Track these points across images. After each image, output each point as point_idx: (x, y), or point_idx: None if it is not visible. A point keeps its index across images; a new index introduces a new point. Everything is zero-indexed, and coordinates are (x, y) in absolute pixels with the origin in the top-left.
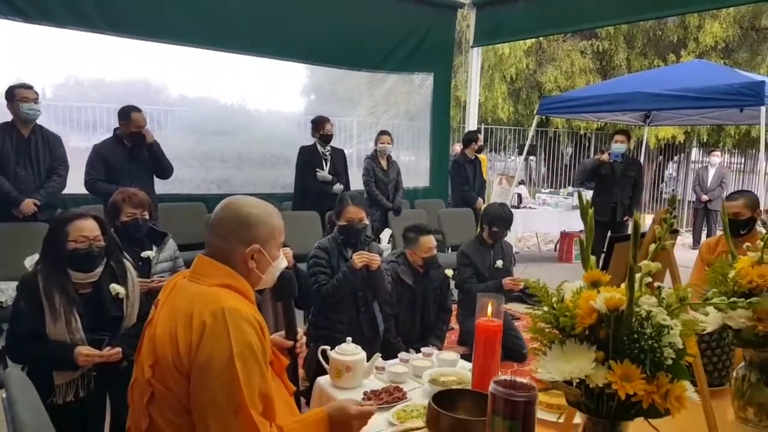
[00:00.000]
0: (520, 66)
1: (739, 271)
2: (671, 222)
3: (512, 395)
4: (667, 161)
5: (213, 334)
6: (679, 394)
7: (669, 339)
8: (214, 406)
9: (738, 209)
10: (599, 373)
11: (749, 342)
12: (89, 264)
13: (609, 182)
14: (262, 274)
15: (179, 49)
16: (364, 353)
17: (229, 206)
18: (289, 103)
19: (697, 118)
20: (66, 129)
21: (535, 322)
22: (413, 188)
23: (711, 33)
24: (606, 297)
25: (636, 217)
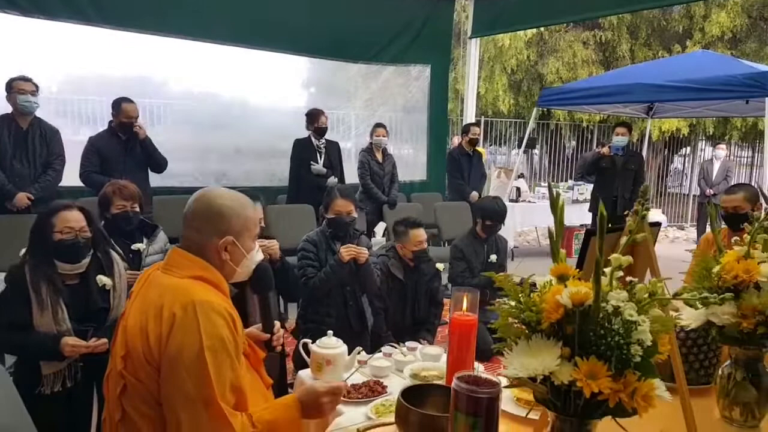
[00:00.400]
0: (520, 57)
1: (723, 266)
2: (644, 214)
3: (474, 391)
4: (672, 154)
5: (183, 327)
6: (645, 392)
7: (637, 335)
8: (184, 399)
9: (738, 203)
10: (564, 370)
11: (733, 339)
12: (75, 255)
13: (609, 176)
14: (237, 266)
15: (176, 42)
16: (345, 347)
17: (202, 198)
18: (288, 95)
19: (701, 111)
20: (67, 123)
21: (505, 317)
22: (410, 182)
23: (717, 23)
24: (571, 292)
25: (601, 209)
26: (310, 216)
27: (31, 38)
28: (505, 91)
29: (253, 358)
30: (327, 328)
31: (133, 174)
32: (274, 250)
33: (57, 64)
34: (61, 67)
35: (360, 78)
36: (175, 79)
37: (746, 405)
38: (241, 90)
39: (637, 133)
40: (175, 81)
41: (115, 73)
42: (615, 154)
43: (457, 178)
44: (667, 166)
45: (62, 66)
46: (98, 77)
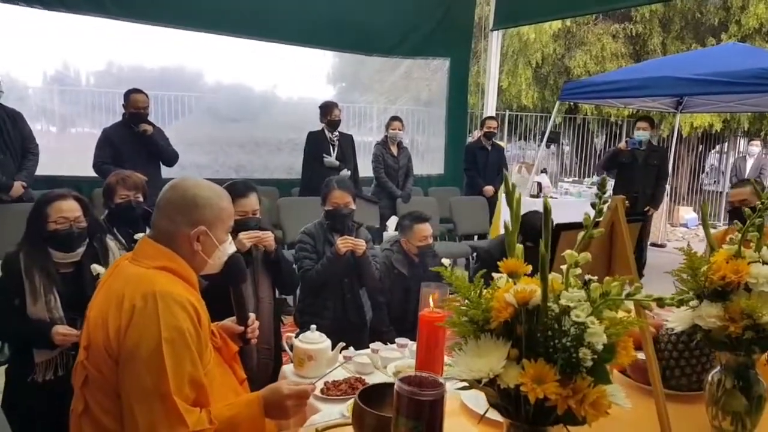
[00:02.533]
0: (546, 51)
1: (711, 266)
2: (600, 208)
3: (416, 394)
4: (707, 151)
5: (142, 318)
6: (594, 400)
7: (589, 338)
8: (140, 392)
9: (745, 196)
10: (511, 373)
11: (721, 344)
12: (69, 245)
13: (629, 171)
14: (208, 258)
15: (204, 36)
16: (329, 342)
17: (176, 187)
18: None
19: (733, 105)
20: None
21: (458, 315)
22: (427, 176)
23: (755, 14)
24: (517, 289)
25: (545, 201)
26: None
27: (72, 33)
28: (529, 85)
29: (225, 351)
30: (324, 321)
31: (146, 165)
32: (269, 241)
33: (96, 58)
34: (99, 61)
35: (381, 71)
36: (204, 73)
37: (736, 415)
38: (266, 84)
39: (666, 129)
40: (203, 74)
41: (149, 66)
42: (635, 149)
43: (471, 172)
44: (702, 163)
45: (101, 60)
46: (133, 70)
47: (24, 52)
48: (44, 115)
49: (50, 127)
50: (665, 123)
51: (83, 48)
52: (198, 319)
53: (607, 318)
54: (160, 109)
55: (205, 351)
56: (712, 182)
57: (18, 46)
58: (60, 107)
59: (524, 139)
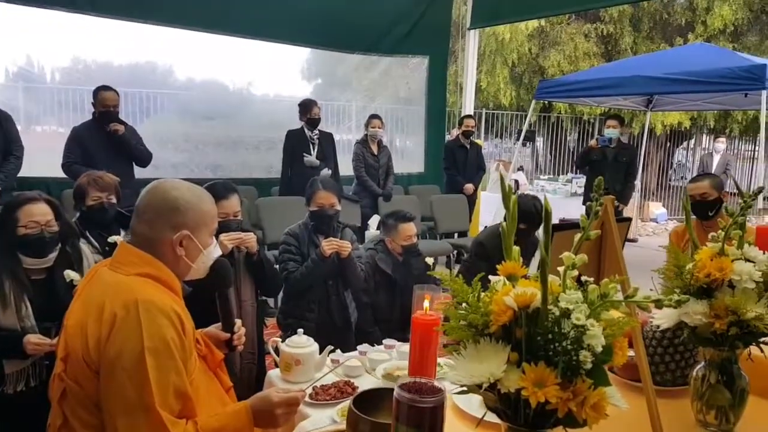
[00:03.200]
0: (522, 50)
1: (696, 264)
2: (596, 210)
3: (416, 401)
4: (675, 148)
5: (124, 328)
6: (595, 402)
7: (588, 340)
8: (123, 405)
9: (705, 190)
10: (511, 377)
11: (706, 340)
12: (41, 250)
13: (600, 168)
14: (192, 263)
15: (175, 31)
16: (316, 346)
17: (156, 190)
18: (287, 86)
19: (700, 104)
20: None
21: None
22: (407, 174)
23: (720, 16)
24: (517, 293)
25: (546, 204)
26: (301, 209)
27: (36, 28)
28: (507, 84)
29: (210, 359)
30: (308, 324)
31: (118, 165)
32: (251, 243)
33: (62, 54)
34: (65, 56)
35: (359, 69)
36: (175, 70)
37: (720, 408)
38: (240, 81)
39: (638, 127)
40: (175, 71)
41: (118, 63)
42: (605, 146)
43: (449, 170)
44: (669, 160)
45: (66, 56)
46: (101, 67)
47: None
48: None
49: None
50: (636, 121)
51: (48, 43)
52: (182, 328)
53: (605, 319)
54: (131, 107)
55: (189, 360)
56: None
57: None
58: (24, 104)
59: (500, 137)
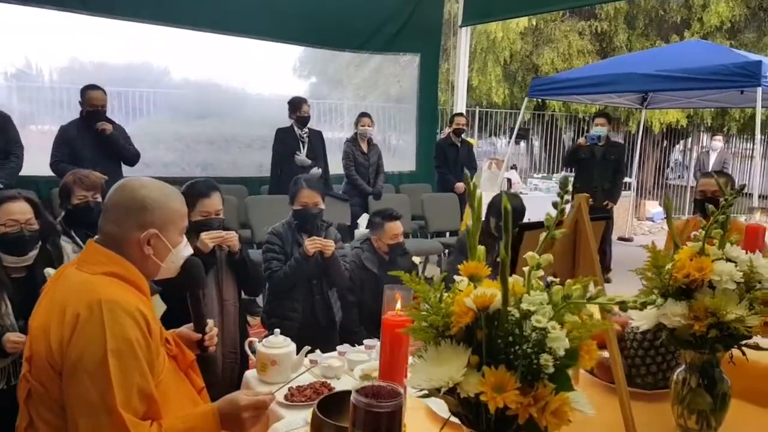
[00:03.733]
0: (514, 48)
1: (675, 264)
2: (562, 208)
3: (372, 405)
4: (672, 146)
5: (87, 328)
6: (556, 408)
7: (551, 343)
8: (85, 406)
9: (716, 187)
10: (471, 381)
11: (685, 343)
12: (20, 248)
13: (588, 166)
14: (161, 262)
15: (170, 30)
16: (293, 346)
17: (123, 188)
18: (278, 85)
19: (695, 101)
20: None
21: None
22: (399, 172)
23: (716, 12)
24: (476, 294)
25: (504, 202)
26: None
27: (31, 27)
28: (499, 82)
29: (181, 359)
30: (291, 323)
31: (106, 164)
32: (233, 242)
33: (59, 54)
34: (62, 56)
35: (350, 67)
36: (168, 69)
37: (701, 413)
38: (234, 79)
39: (634, 125)
40: (168, 70)
41: (113, 62)
42: (593, 144)
43: (440, 168)
44: (666, 158)
45: (64, 55)
46: (97, 66)
47: None
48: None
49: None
50: (633, 119)
51: (45, 43)
52: (148, 328)
53: (569, 322)
54: (125, 106)
55: (156, 361)
56: (676, 177)
57: None
58: (19, 104)
59: (495, 135)
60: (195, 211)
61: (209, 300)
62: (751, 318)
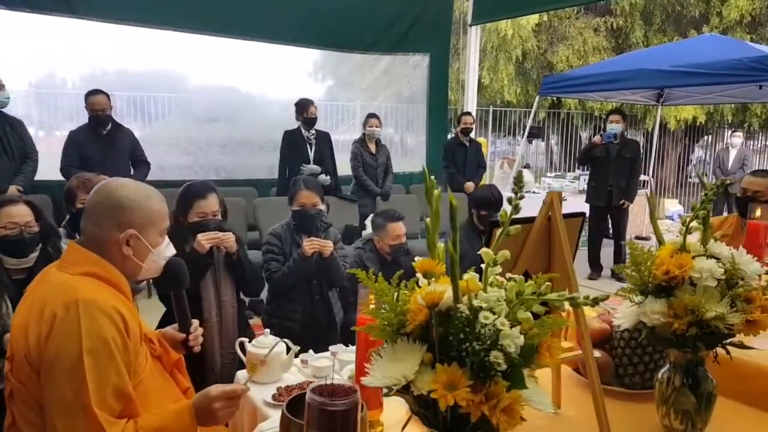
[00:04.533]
0: (527, 46)
1: (654, 260)
2: (516, 204)
3: (326, 404)
4: (693, 143)
5: (63, 327)
6: (507, 405)
7: (502, 340)
8: (62, 405)
9: (760, 188)
10: (425, 378)
11: (666, 341)
12: (20, 250)
13: (603, 165)
14: (142, 263)
15: (185, 36)
16: (283, 345)
17: (102, 189)
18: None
19: (712, 97)
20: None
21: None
22: (409, 173)
23: (737, 7)
24: (426, 291)
25: (450, 197)
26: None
27: (54, 36)
28: (512, 80)
29: (166, 359)
30: (292, 324)
31: (115, 168)
32: (229, 243)
33: (80, 61)
34: (84, 64)
35: (362, 68)
36: (184, 74)
37: (686, 413)
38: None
39: (651, 122)
40: (184, 76)
41: (133, 68)
42: (609, 143)
43: (449, 168)
44: (687, 155)
45: (85, 63)
46: (119, 73)
47: (8, 56)
48: (29, 119)
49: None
50: (649, 116)
51: (67, 51)
52: (125, 327)
53: (523, 318)
54: (144, 111)
55: (135, 360)
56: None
57: (1, 49)
58: (43, 111)
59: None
60: (192, 213)
61: (207, 301)
62: (733, 316)
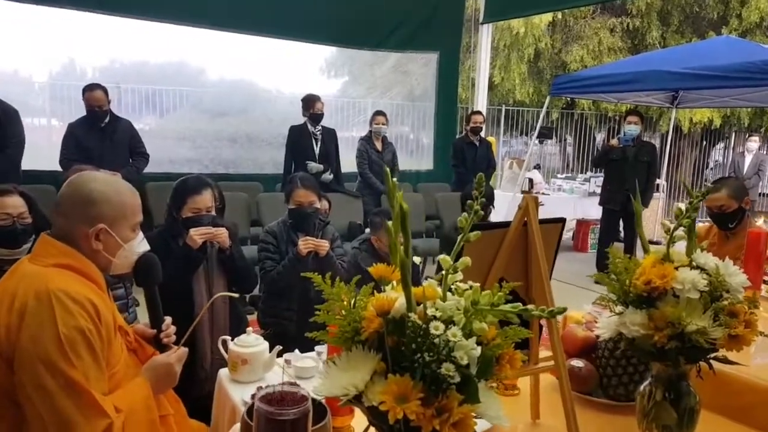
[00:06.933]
0: (540, 45)
1: (635, 271)
2: (476, 209)
3: (273, 414)
4: (711, 147)
5: (36, 317)
6: (458, 420)
7: (456, 351)
8: (42, 395)
9: (722, 202)
10: (376, 389)
11: (647, 353)
12: (13, 241)
13: (619, 168)
14: (113, 257)
15: (201, 32)
16: (266, 344)
17: (72, 182)
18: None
19: (728, 100)
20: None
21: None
22: (416, 171)
23: (757, 8)
24: (376, 298)
25: (399, 198)
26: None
27: (74, 29)
28: (524, 79)
29: (141, 353)
30: (286, 323)
31: (113, 161)
32: (223, 238)
33: (99, 54)
34: (102, 56)
35: (372, 65)
36: (200, 69)
37: (666, 428)
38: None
39: (665, 124)
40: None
41: (151, 61)
42: (626, 145)
43: (458, 167)
44: (705, 159)
45: (103, 55)
46: (136, 65)
47: (30, 48)
48: (48, 109)
49: (51, 120)
50: (664, 118)
51: (86, 44)
52: (98, 318)
53: (478, 329)
54: (159, 104)
55: (109, 351)
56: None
57: (24, 41)
58: (63, 102)
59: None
60: (186, 208)
61: (198, 296)
62: (715, 330)
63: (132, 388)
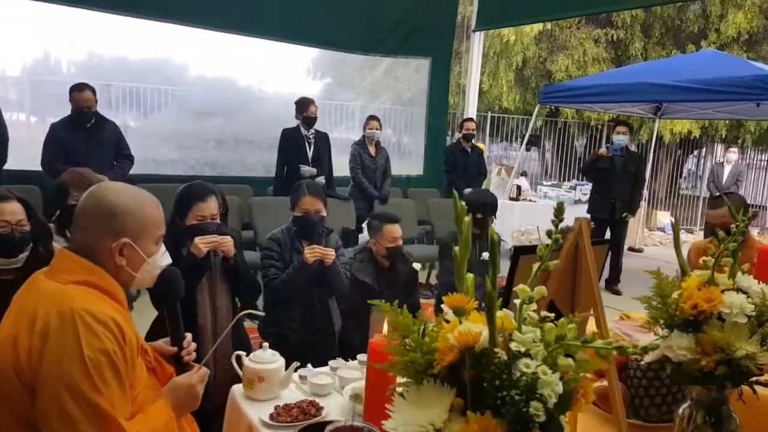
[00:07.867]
0: (527, 54)
1: (682, 293)
2: (556, 238)
3: None
4: (686, 156)
5: (60, 339)
6: None
7: (542, 389)
8: (67, 422)
9: (726, 218)
10: (454, 428)
11: (691, 378)
12: (10, 250)
13: (607, 177)
14: (135, 273)
15: (184, 29)
16: (282, 361)
17: (92, 194)
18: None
19: (710, 112)
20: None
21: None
22: (406, 176)
23: (734, 23)
24: (461, 330)
25: (492, 233)
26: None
27: (50, 22)
28: (511, 87)
29: (160, 372)
30: (289, 333)
31: (98, 163)
32: (227, 247)
33: (76, 48)
34: (79, 50)
35: (362, 69)
36: (182, 67)
37: None
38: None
39: (646, 134)
40: (182, 68)
41: (131, 58)
42: (614, 155)
43: (450, 173)
44: (679, 168)
45: (82, 50)
46: (115, 61)
47: (2, 41)
48: (21, 105)
49: (30, 117)
50: (645, 128)
51: (63, 38)
52: (122, 337)
53: (563, 364)
54: (142, 102)
55: (133, 372)
56: (689, 187)
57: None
58: (37, 97)
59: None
60: (190, 215)
61: (202, 306)
62: (764, 355)
63: (155, 411)
